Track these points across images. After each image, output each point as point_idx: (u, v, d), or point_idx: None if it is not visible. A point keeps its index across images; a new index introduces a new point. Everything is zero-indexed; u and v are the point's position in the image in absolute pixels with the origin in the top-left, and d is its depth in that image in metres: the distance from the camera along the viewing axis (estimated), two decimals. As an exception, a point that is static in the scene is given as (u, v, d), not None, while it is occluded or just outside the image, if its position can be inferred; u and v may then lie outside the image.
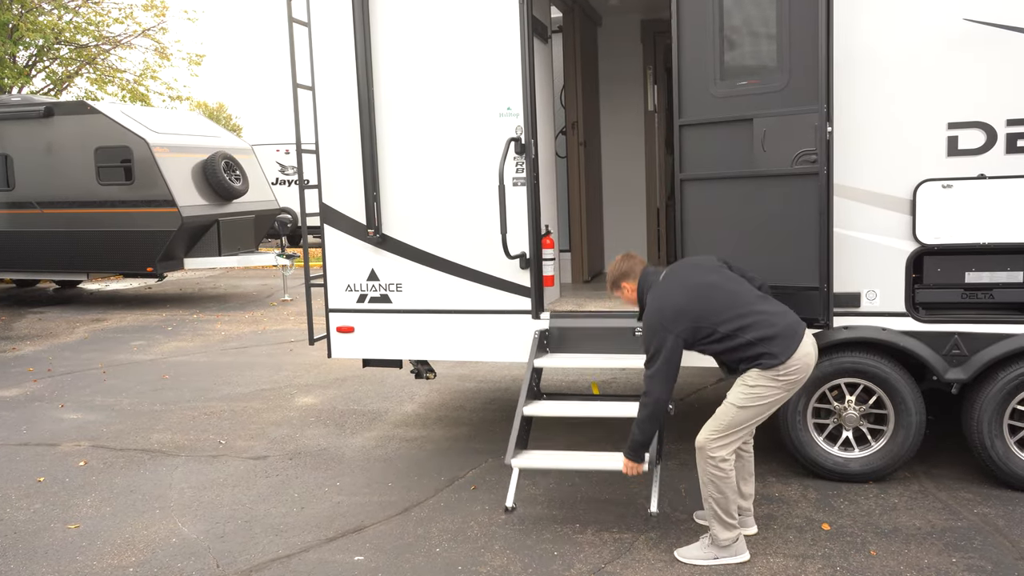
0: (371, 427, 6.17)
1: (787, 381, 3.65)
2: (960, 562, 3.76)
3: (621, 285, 4.07)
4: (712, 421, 3.77)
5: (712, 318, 3.67)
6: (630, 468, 3.93)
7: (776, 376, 3.63)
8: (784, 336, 3.63)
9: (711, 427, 3.76)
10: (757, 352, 3.63)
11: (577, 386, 7.05)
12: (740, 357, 3.68)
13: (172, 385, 7.70)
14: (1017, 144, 4.21)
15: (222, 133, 14.39)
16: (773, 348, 3.61)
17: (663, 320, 3.69)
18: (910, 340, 4.45)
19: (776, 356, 3.60)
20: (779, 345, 3.61)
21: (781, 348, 3.61)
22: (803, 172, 4.21)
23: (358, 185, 5.27)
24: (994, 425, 4.42)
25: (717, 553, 3.81)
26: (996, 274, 4.35)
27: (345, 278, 5.40)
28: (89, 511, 4.77)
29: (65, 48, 20.21)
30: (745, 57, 4.36)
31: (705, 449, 3.74)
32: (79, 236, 12.38)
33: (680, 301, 3.71)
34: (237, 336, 10.14)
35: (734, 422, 3.71)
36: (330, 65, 5.24)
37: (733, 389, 3.74)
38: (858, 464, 4.65)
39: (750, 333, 3.63)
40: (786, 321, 3.69)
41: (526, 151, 4.92)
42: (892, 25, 4.30)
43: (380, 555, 4.07)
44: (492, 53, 4.93)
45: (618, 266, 4.10)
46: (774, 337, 3.62)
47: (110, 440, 6.07)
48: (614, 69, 7.13)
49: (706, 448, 3.74)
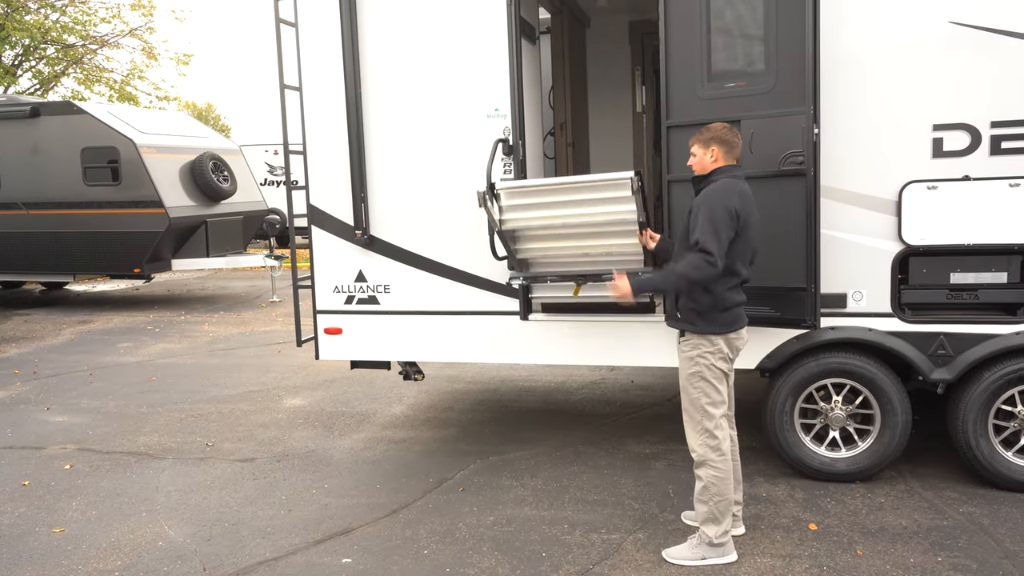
0: (359, 429, 6.15)
1: (719, 349, 3.74)
2: (946, 561, 3.79)
3: (711, 148, 3.78)
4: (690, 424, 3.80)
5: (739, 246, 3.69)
6: (623, 291, 3.69)
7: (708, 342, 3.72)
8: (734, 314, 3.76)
9: (694, 429, 3.77)
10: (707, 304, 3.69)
11: (566, 387, 7.06)
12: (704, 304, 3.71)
13: (159, 387, 7.66)
14: (1001, 146, 4.24)
15: (210, 133, 14.32)
16: (723, 316, 3.72)
17: (725, 197, 3.63)
18: (896, 340, 4.48)
19: (724, 324, 3.72)
20: (729, 316, 3.73)
21: (729, 320, 3.73)
22: (790, 173, 4.23)
23: (346, 186, 5.25)
24: (979, 425, 4.44)
25: (705, 553, 3.82)
26: (981, 275, 4.37)
27: (333, 279, 5.38)
28: (74, 515, 4.73)
29: (51, 47, 20.07)
30: (732, 59, 4.37)
31: (706, 461, 3.75)
32: (65, 237, 12.30)
33: (739, 204, 3.66)
34: (225, 338, 10.09)
35: (700, 400, 3.74)
36: (317, 66, 5.22)
37: (681, 373, 3.81)
38: (845, 464, 4.67)
39: (728, 282, 3.69)
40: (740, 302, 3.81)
41: (514, 152, 4.91)
42: (878, 27, 4.32)
43: (368, 557, 4.06)
44: (480, 54, 4.92)
45: (721, 131, 3.80)
46: (731, 308, 3.73)
47: (96, 443, 6.03)
48: (602, 70, 7.14)
49: (706, 457, 3.75)
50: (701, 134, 3.85)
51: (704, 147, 3.82)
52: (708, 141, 3.81)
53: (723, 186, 3.70)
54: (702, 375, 3.74)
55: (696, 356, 3.74)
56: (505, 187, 4.50)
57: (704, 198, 3.70)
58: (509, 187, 4.51)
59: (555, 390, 6.99)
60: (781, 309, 4.38)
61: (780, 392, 4.68)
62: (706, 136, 3.82)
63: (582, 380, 7.24)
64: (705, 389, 3.74)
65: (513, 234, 4.67)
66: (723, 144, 3.79)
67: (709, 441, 3.75)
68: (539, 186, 4.54)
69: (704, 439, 3.75)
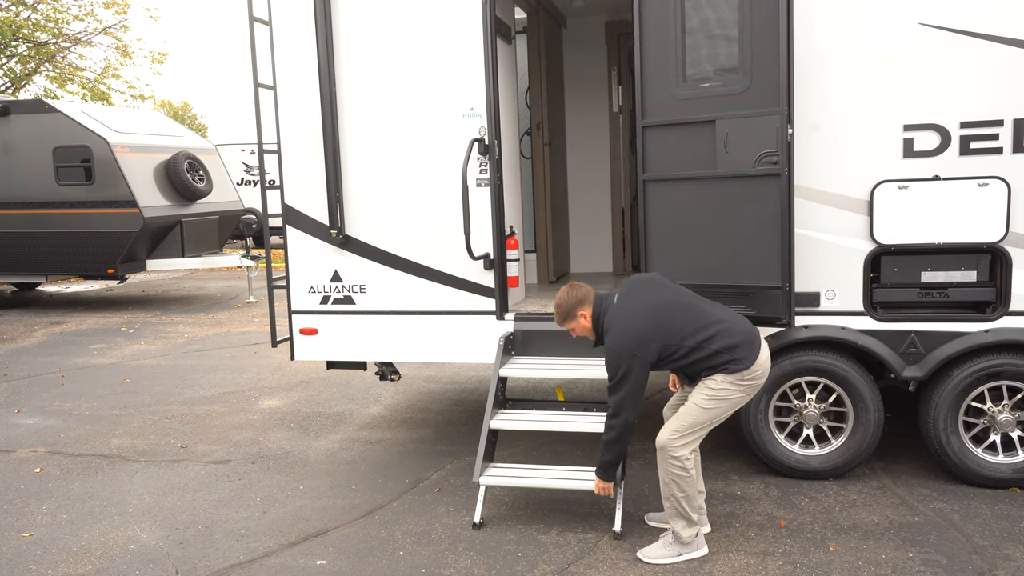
0: (335, 430, 6.11)
1: (750, 384, 3.73)
2: (916, 557, 3.83)
3: (577, 315, 3.91)
4: (674, 421, 3.80)
5: (677, 336, 3.70)
6: (602, 488, 3.96)
7: (741, 380, 3.70)
8: (747, 343, 3.72)
9: (673, 427, 3.79)
10: (724, 360, 3.68)
11: (543, 387, 7.05)
12: (705, 366, 3.72)
13: (132, 389, 7.57)
14: (970, 146, 4.30)
15: (185, 133, 14.18)
16: (738, 354, 3.68)
17: (629, 346, 3.68)
18: (868, 339, 4.52)
19: (741, 361, 3.68)
20: (743, 351, 3.70)
21: (745, 353, 3.69)
22: (765, 173, 4.25)
23: (321, 185, 5.22)
24: (950, 422, 4.50)
25: (680, 550, 3.84)
26: (951, 273, 4.43)
27: (308, 279, 5.34)
28: (44, 519, 4.66)
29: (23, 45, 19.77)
30: (707, 60, 4.39)
31: (667, 449, 3.76)
32: (37, 237, 12.12)
33: (643, 326, 3.70)
34: (200, 338, 9.99)
35: (697, 422, 3.75)
36: (291, 64, 5.18)
37: (696, 391, 3.78)
38: (818, 461, 4.71)
39: (716, 343, 3.69)
40: (745, 328, 3.77)
41: (490, 152, 4.91)
42: (849, 29, 4.36)
43: (343, 559, 4.03)
44: (455, 53, 4.91)
45: (570, 295, 3.93)
46: (738, 345, 3.70)
47: (67, 446, 5.94)
48: (579, 70, 7.15)
49: (668, 448, 3.76)
50: (558, 313, 3.96)
51: (572, 319, 3.94)
52: (570, 312, 3.91)
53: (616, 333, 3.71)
54: (704, 405, 3.74)
55: (710, 390, 3.74)
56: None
57: (607, 358, 3.74)
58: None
59: (531, 390, 6.99)
60: (756, 308, 4.40)
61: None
62: (563, 311, 3.93)
63: (558, 379, 7.24)
64: (703, 416, 3.75)
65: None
66: (580, 304, 3.90)
67: (688, 444, 3.77)
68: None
69: (685, 440, 3.76)
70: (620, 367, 3.69)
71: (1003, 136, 4.25)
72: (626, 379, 3.68)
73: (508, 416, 4.67)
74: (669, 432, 3.78)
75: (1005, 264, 4.32)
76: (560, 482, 4.31)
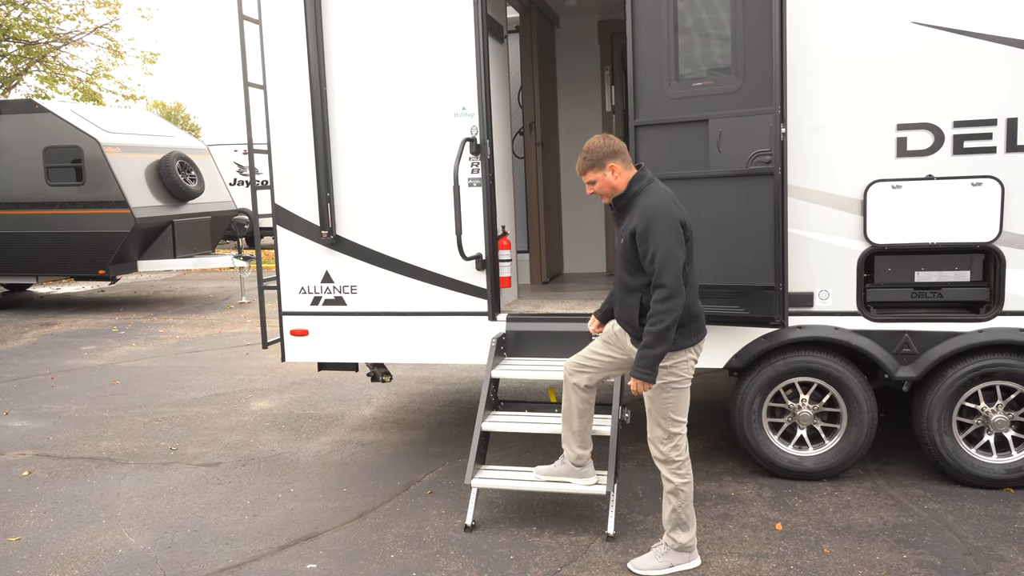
0: (327, 431, 6.07)
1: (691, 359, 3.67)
2: (911, 558, 3.81)
3: (607, 166, 3.52)
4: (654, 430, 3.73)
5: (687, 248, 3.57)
6: (644, 388, 3.59)
7: (686, 353, 3.65)
8: (702, 321, 3.72)
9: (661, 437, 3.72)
10: (689, 317, 3.62)
11: (536, 388, 7.02)
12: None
13: (123, 391, 7.51)
14: (963, 145, 4.28)
15: (177, 133, 14.11)
16: (694, 325, 3.65)
17: (673, 211, 3.45)
18: (862, 339, 4.50)
19: (697, 333, 3.66)
20: (699, 323, 3.68)
21: (699, 327, 3.68)
22: (758, 172, 4.23)
23: (311, 186, 5.18)
24: (943, 422, 4.48)
25: (672, 560, 3.79)
26: (944, 273, 4.41)
27: (299, 280, 5.30)
28: (32, 523, 4.61)
29: (13, 45, 19.66)
30: (700, 59, 4.37)
31: (669, 461, 3.72)
32: (28, 238, 12.04)
33: (680, 215, 3.50)
34: (192, 340, 9.94)
35: (669, 410, 3.68)
36: (282, 64, 5.14)
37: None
38: (812, 462, 4.69)
39: (691, 297, 3.60)
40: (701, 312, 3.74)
41: (481, 151, 4.87)
42: (842, 27, 4.34)
43: (333, 562, 3.99)
44: (446, 52, 4.88)
45: (604, 143, 3.51)
46: (699, 316, 3.68)
47: (56, 448, 5.89)
48: (572, 69, 7.12)
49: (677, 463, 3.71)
50: (585, 159, 3.58)
51: (599, 169, 3.58)
52: (600, 161, 3.56)
53: (660, 201, 3.48)
54: (674, 385, 3.68)
55: (671, 367, 3.65)
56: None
57: (648, 219, 3.46)
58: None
59: (524, 391, 6.95)
60: (749, 308, 4.38)
61: (748, 391, 4.69)
62: (592, 157, 3.56)
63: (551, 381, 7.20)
64: (677, 398, 3.70)
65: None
66: (615, 155, 3.56)
67: (678, 447, 3.73)
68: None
69: (673, 445, 3.72)
70: (655, 235, 3.39)
71: (996, 135, 4.24)
72: (666, 253, 3.37)
73: (500, 418, 4.64)
74: (658, 443, 3.73)
75: (999, 264, 4.30)
76: (552, 485, 4.28)
